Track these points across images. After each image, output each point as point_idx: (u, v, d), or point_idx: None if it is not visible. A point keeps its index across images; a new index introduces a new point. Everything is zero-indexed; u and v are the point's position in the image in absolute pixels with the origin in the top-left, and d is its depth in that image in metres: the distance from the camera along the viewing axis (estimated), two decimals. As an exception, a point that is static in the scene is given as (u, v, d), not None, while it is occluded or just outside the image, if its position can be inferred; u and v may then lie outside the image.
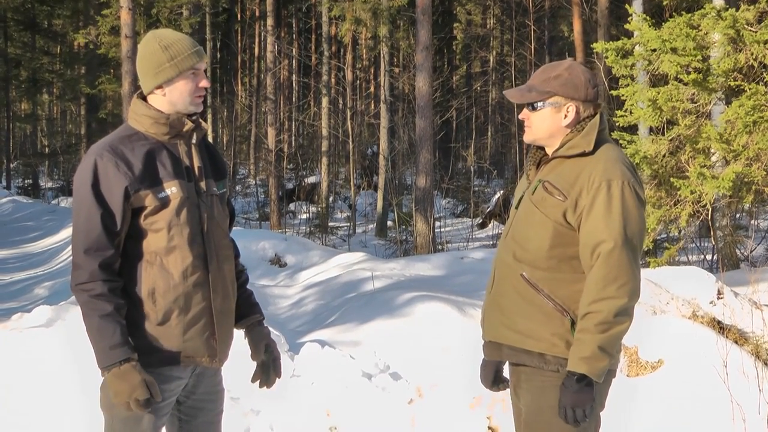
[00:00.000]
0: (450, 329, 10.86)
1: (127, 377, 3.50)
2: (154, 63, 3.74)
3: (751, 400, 7.07)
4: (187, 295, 3.70)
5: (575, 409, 3.60)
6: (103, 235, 3.59)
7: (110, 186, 3.60)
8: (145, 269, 3.67)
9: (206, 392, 3.89)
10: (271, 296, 13.74)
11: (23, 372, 7.56)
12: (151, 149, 3.71)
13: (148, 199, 3.65)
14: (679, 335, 8.73)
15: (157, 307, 3.66)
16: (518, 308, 3.81)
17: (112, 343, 3.51)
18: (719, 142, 10.52)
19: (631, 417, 7.76)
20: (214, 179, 3.88)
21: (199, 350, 3.75)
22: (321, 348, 7.47)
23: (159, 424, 3.74)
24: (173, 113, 3.77)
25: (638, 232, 3.68)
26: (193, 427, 3.89)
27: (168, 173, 3.70)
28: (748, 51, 10.51)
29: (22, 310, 10.36)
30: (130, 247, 3.68)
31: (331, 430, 6.72)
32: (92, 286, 3.56)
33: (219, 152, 4.10)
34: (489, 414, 6.65)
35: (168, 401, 3.74)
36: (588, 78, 3.82)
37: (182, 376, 3.76)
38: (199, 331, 3.73)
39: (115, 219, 3.61)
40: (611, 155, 3.76)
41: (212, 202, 3.84)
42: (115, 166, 3.61)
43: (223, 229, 3.88)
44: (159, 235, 3.67)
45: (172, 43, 3.75)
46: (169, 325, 3.68)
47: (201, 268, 3.73)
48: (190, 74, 3.76)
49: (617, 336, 3.64)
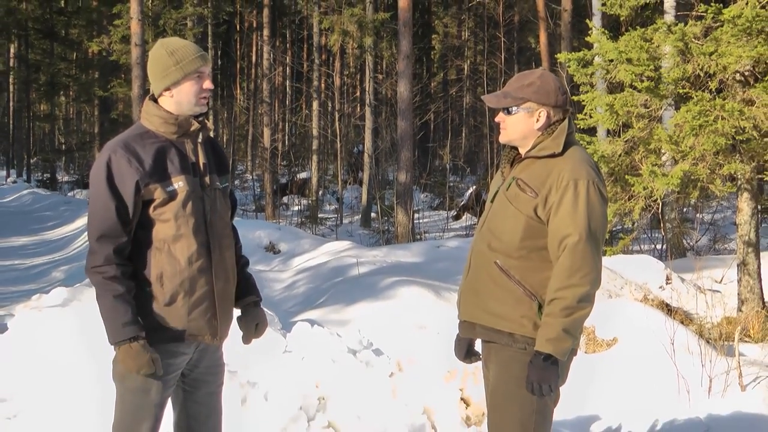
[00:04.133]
0: (427, 310, 10.88)
1: (136, 354, 3.51)
2: (162, 67, 3.74)
3: (695, 374, 7.10)
4: (192, 279, 3.70)
5: (541, 384, 3.61)
6: (117, 224, 3.59)
7: (123, 180, 3.60)
8: (154, 255, 3.67)
9: (208, 366, 3.89)
10: (266, 280, 13.72)
11: (42, 347, 7.54)
12: (160, 147, 3.71)
13: (157, 192, 3.64)
14: (631, 316, 8.76)
15: (164, 289, 3.66)
16: (491, 292, 3.82)
17: (124, 321, 3.51)
18: (669, 144, 10.54)
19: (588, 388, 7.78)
20: (217, 174, 3.88)
21: (202, 329, 3.75)
22: (311, 327, 7.45)
23: (166, 395, 3.75)
24: (181, 114, 3.76)
25: (601, 227, 3.70)
26: (197, 398, 3.88)
27: (175, 169, 3.70)
28: (695, 62, 10.52)
29: (40, 291, 10.32)
30: (141, 235, 3.67)
31: (320, 400, 6.71)
32: (106, 269, 3.56)
33: (222, 150, 4.09)
34: (462, 386, 6.65)
35: (174, 374, 3.75)
36: (558, 86, 3.84)
37: (187, 352, 3.76)
38: (202, 312, 3.74)
39: (128, 209, 3.60)
40: (578, 157, 3.77)
41: (215, 195, 3.83)
42: (128, 161, 3.61)
43: (225, 220, 3.89)
44: (167, 225, 3.67)
45: (178, 49, 3.75)
46: (176, 306, 3.68)
47: (204, 255, 3.73)
48: (195, 77, 3.75)
49: (580, 320, 3.66)
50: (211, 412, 3.94)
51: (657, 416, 6.72)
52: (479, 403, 6.46)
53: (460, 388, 6.66)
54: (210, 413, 3.94)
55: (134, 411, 3.69)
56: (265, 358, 7.25)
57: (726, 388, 6.88)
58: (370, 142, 26.52)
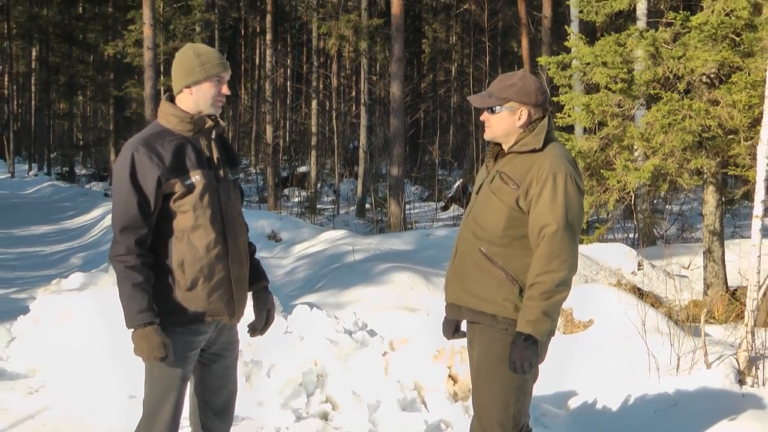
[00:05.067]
0: (417, 294, 10.89)
1: (149, 338, 3.53)
2: (187, 66, 3.77)
3: (665, 353, 7.11)
4: (210, 265, 3.73)
5: (522, 362, 3.62)
6: (139, 216, 3.61)
7: (145, 175, 3.62)
8: (175, 244, 3.70)
9: (225, 342, 3.94)
10: (269, 266, 13.70)
11: (61, 326, 7.56)
12: (178, 144, 3.73)
13: (177, 186, 3.67)
14: (606, 300, 8.77)
15: (185, 275, 3.69)
16: (476, 277, 3.83)
17: (140, 308, 3.53)
18: (641, 140, 10.54)
19: (567, 366, 7.79)
20: (229, 167, 3.90)
21: (221, 310, 3.79)
22: (310, 309, 7.46)
23: (189, 369, 3.80)
24: (196, 113, 3.78)
25: (578, 217, 3.70)
26: (213, 370, 3.93)
27: (192, 164, 3.73)
28: (665, 65, 10.53)
29: (60, 276, 10.33)
30: (162, 226, 3.70)
31: (318, 377, 6.71)
32: (127, 259, 3.58)
33: (232, 145, 4.12)
34: (450, 364, 6.65)
35: (195, 351, 3.80)
36: (538, 86, 3.84)
37: (207, 331, 3.81)
38: (220, 295, 3.77)
39: (149, 203, 3.62)
40: (557, 152, 3.78)
41: (228, 187, 3.87)
42: (149, 158, 3.63)
43: (238, 209, 3.93)
44: (186, 216, 3.70)
45: (204, 53, 3.79)
46: (196, 291, 3.71)
47: (221, 242, 3.76)
48: (216, 80, 3.79)
49: (558, 303, 3.67)
50: (225, 383, 3.99)
51: (629, 391, 6.73)
52: (466, 380, 6.47)
53: (448, 366, 6.67)
54: (224, 385, 3.98)
55: (162, 385, 3.73)
56: (267, 338, 7.22)
57: (692, 366, 6.90)
58: (365, 138, 26.49)
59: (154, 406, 3.73)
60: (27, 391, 6.97)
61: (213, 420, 3.93)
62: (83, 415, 6.39)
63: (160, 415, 3.71)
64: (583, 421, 6.64)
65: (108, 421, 6.10)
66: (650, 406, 6.48)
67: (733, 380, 6.66)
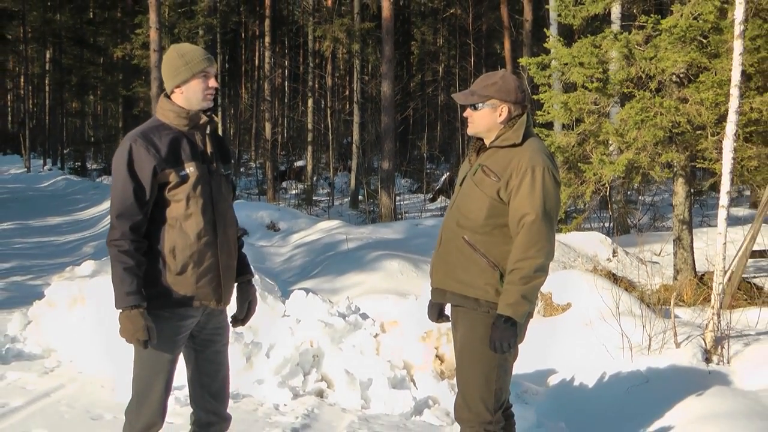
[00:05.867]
0: (407, 280, 10.90)
1: (134, 320, 3.51)
2: (173, 67, 3.75)
3: (637, 333, 7.13)
4: (200, 252, 3.70)
5: (502, 343, 3.62)
6: (135, 204, 3.58)
7: (142, 165, 3.60)
8: (168, 231, 3.67)
9: (214, 327, 3.89)
10: (268, 254, 13.72)
11: (74, 310, 7.56)
12: (174, 137, 3.71)
13: (172, 176, 3.64)
14: (583, 284, 8.78)
15: (176, 260, 3.66)
16: (460, 263, 3.83)
17: (128, 291, 3.51)
18: (615, 136, 10.56)
19: (546, 346, 7.82)
20: (221, 162, 3.88)
21: (208, 295, 3.75)
22: (306, 294, 7.45)
23: (177, 352, 3.76)
24: (191, 109, 3.76)
25: (555, 207, 3.70)
26: (206, 356, 3.89)
27: (187, 156, 3.70)
28: (637, 65, 10.53)
29: (73, 263, 10.31)
30: (156, 214, 3.68)
31: (314, 357, 6.72)
32: (121, 243, 3.56)
33: (226, 142, 4.10)
34: (437, 345, 6.66)
35: (184, 334, 3.76)
36: (518, 85, 3.84)
37: (195, 315, 3.77)
38: (208, 281, 3.74)
39: (145, 191, 3.60)
40: (535, 146, 3.77)
41: (220, 180, 3.84)
42: (146, 149, 3.61)
43: (228, 202, 3.89)
44: (179, 205, 3.67)
45: (187, 52, 3.76)
46: (186, 275, 3.68)
47: (211, 231, 3.73)
48: (202, 76, 3.75)
49: (536, 287, 3.67)
50: (220, 367, 3.95)
51: (604, 369, 6.75)
52: (452, 360, 6.48)
53: (435, 346, 6.68)
54: (219, 368, 3.94)
55: (150, 366, 3.70)
56: (267, 321, 7.25)
57: (663, 346, 6.92)
58: (358, 134, 26.48)
59: (143, 386, 3.71)
60: (43, 370, 6.99)
61: (211, 401, 3.91)
62: (95, 391, 6.44)
63: (150, 394, 3.69)
64: (561, 397, 6.66)
65: (117, 397, 6.13)
66: (624, 383, 6.50)
67: (700, 359, 6.69)
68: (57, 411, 5.90)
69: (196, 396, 3.92)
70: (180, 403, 5.48)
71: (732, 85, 7.27)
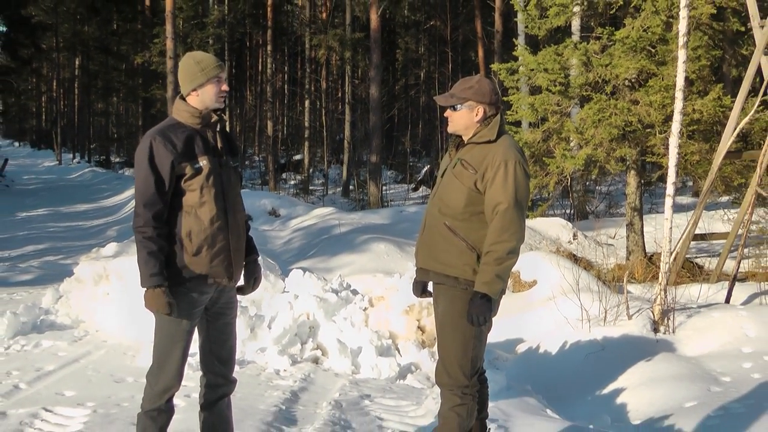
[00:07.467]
0: (392, 260, 10.88)
1: (157, 297, 3.51)
2: (190, 73, 3.72)
3: (594, 307, 7.15)
4: (213, 235, 3.68)
5: (479, 316, 3.60)
6: (156, 194, 3.57)
7: (161, 160, 3.58)
8: (184, 217, 3.65)
9: (225, 302, 3.88)
10: (270, 237, 13.66)
11: (99, 286, 7.55)
12: (189, 134, 3.69)
13: (187, 168, 3.62)
14: (547, 264, 8.80)
15: (192, 243, 3.64)
16: (441, 246, 3.80)
17: (152, 272, 3.50)
18: (576, 133, 10.56)
19: (515, 318, 7.83)
20: (230, 156, 3.86)
21: (221, 273, 3.73)
22: (303, 273, 7.43)
23: (193, 324, 3.75)
24: (204, 109, 3.73)
25: (525, 197, 3.68)
26: (217, 326, 3.87)
27: (201, 150, 3.69)
28: (595, 71, 10.53)
29: (98, 245, 10.23)
30: (174, 202, 3.66)
31: (310, 328, 6.70)
32: (145, 230, 3.55)
33: (234, 138, 4.07)
34: (419, 318, 6.65)
35: (199, 308, 3.74)
36: (492, 88, 3.81)
37: (209, 291, 3.75)
38: (221, 261, 3.72)
39: (165, 183, 3.58)
40: (508, 143, 3.75)
41: (229, 172, 3.82)
42: (164, 146, 3.59)
43: (237, 191, 3.89)
44: (194, 194, 3.65)
45: (202, 60, 3.74)
46: (201, 256, 3.66)
47: (222, 217, 3.71)
48: (215, 80, 3.74)
49: (509, 267, 3.64)
50: (228, 337, 3.93)
51: (565, 339, 6.76)
52: (432, 331, 6.47)
53: (417, 319, 6.67)
54: (227, 338, 3.93)
55: (170, 335, 3.68)
56: (268, 297, 7.24)
57: (617, 318, 6.94)
58: (349, 131, 26.46)
59: (163, 353, 3.70)
60: (72, 339, 7.01)
61: (219, 366, 3.90)
62: (118, 357, 6.45)
63: (169, 361, 3.68)
64: (528, 363, 6.67)
65: (139, 362, 6.14)
66: (582, 350, 6.51)
67: (649, 329, 6.71)
68: (85, 375, 5.91)
69: (207, 361, 3.90)
70: (192, 368, 5.45)
71: (677, 89, 7.27)
